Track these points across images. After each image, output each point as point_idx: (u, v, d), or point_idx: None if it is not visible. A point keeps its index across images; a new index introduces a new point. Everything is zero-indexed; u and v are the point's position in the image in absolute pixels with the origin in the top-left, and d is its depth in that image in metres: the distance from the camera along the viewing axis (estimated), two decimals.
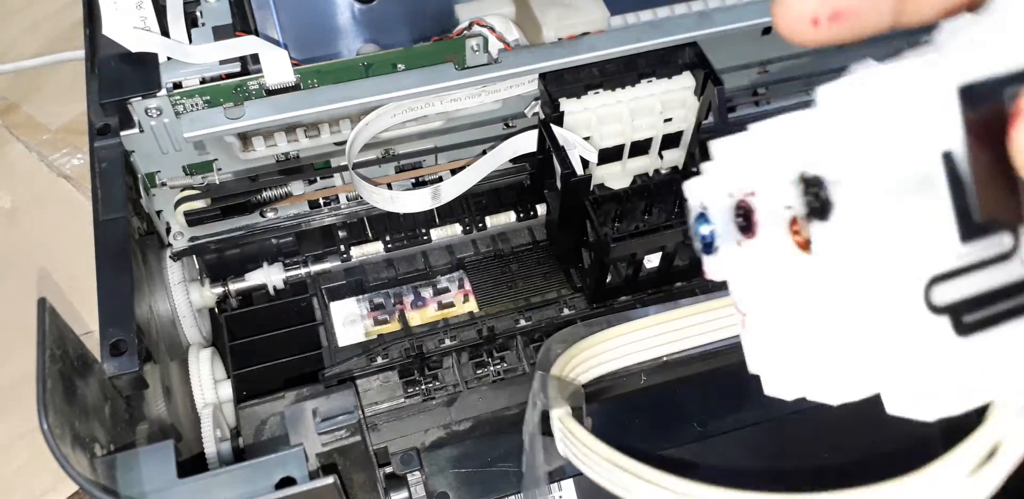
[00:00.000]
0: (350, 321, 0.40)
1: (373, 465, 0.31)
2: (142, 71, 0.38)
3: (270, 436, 0.31)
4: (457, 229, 0.42)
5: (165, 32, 0.38)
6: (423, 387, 0.36)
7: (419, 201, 0.38)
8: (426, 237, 0.42)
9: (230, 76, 0.38)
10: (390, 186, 0.42)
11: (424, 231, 0.42)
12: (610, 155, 0.40)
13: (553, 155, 0.37)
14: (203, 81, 0.37)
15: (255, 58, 0.38)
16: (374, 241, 0.42)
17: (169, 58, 0.38)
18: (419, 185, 0.43)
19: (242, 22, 0.40)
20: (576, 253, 0.39)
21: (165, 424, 0.30)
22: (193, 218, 0.39)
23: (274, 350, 0.39)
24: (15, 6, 0.70)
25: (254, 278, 0.41)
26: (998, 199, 0.17)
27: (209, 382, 0.37)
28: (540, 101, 0.39)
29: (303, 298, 0.41)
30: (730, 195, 0.20)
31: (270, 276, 0.41)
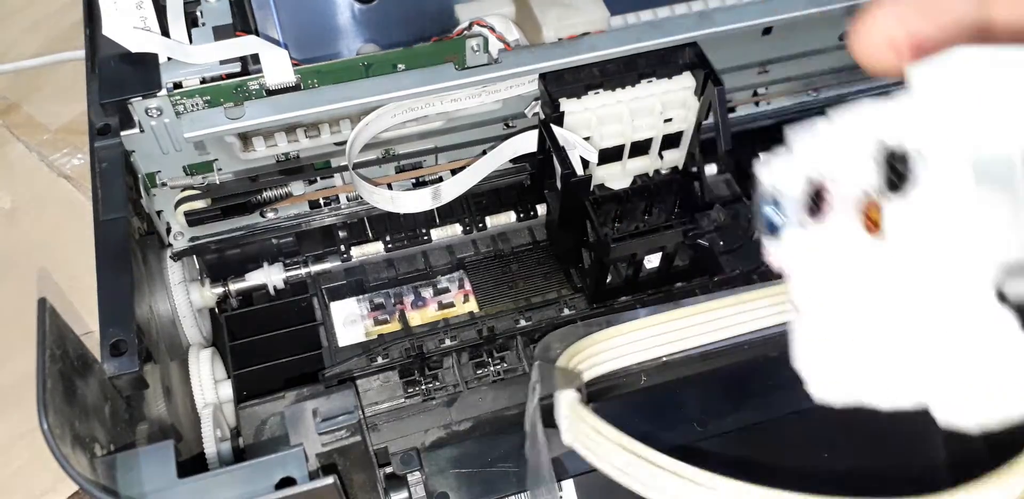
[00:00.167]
0: (350, 321, 0.40)
1: (373, 465, 0.31)
2: (142, 71, 0.38)
3: (270, 436, 0.31)
4: (457, 229, 0.42)
5: (165, 32, 0.38)
6: (423, 387, 0.36)
7: (419, 201, 0.38)
8: (426, 237, 0.42)
9: (230, 76, 0.38)
10: (390, 186, 0.42)
11: (424, 231, 0.42)
12: (610, 155, 0.40)
13: (553, 155, 0.37)
14: (203, 81, 0.37)
15: (255, 58, 0.38)
16: (374, 241, 0.42)
17: (169, 58, 0.38)
18: (419, 185, 0.43)
19: (242, 22, 0.40)
20: (576, 253, 0.39)
21: (165, 424, 0.30)
22: (193, 218, 0.39)
23: (274, 350, 0.39)
24: (15, 6, 0.70)
25: (254, 278, 0.41)
26: None
27: (209, 382, 0.37)
28: (540, 101, 0.39)
29: (303, 298, 0.41)
30: (804, 178, 0.19)
31: (270, 276, 0.41)
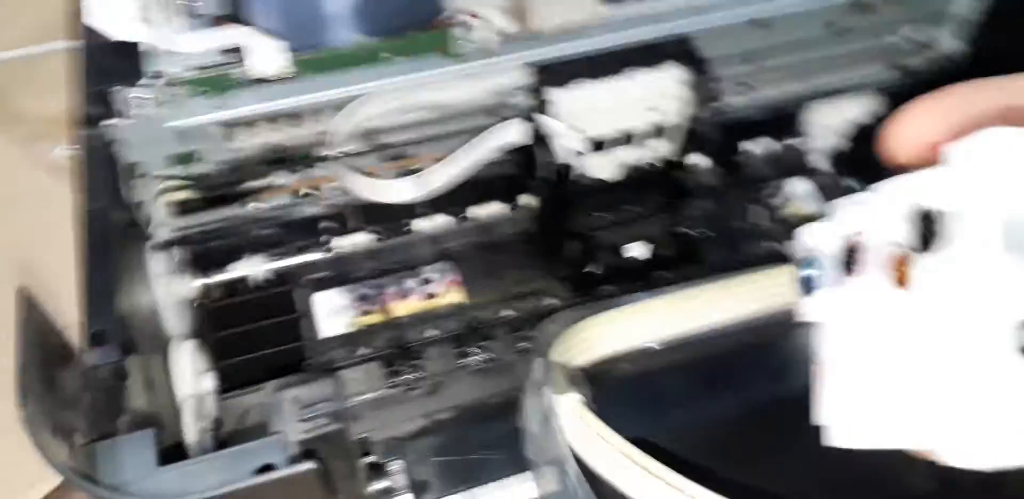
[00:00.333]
0: (334, 312, 0.40)
1: (354, 454, 0.31)
2: (127, 60, 0.37)
3: (252, 425, 0.31)
4: (443, 220, 0.42)
5: (151, 20, 0.38)
6: (406, 377, 0.35)
7: (403, 190, 0.38)
8: (411, 228, 0.42)
9: (217, 66, 0.37)
10: (376, 177, 0.42)
11: (409, 222, 0.42)
12: (598, 146, 0.40)
13: (539, 145, 0.37)
14: (189, 70, 0.37)
15: (243, 48, 0.37)
16: (359, 232, 0.41)
17: (155, 47, 0.37)
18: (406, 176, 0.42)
19: (231, 11, 0.40)
20: (561, 243, 0.39)
21: (147, 415, 0.30)
22: (176, 209, 0.39)
23: (257, 342, 0.39)
24: None
25: (237, 270, 0.41)
26: None
27: (191, 374, 0.36)
28: (528, 91, 0.39)
29: (286, 290, 0.41)
30: (842, 239, 0.21)
31: (253, 268, 0.41)
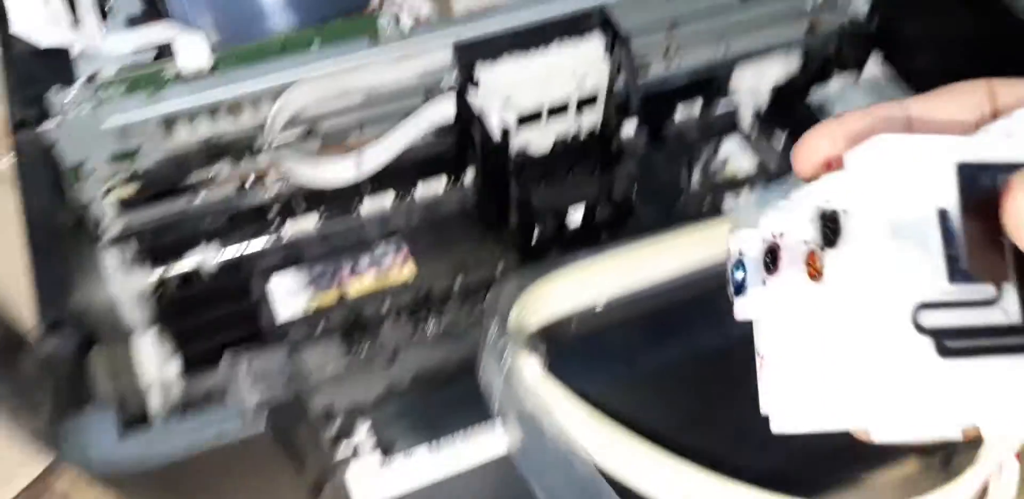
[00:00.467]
0: (290, 294, 0.41)
1: (314, 420, 0.33)
2: (57, 64, 0.38)
3: (214, 401, 0.32)
4: (389, 199, 0.43)
5: (77, 23, 0.39)
6: (363, 348, 0.37)
7: (343, 171, 0.39)
8: (359, 210, 0.43)
9: (146, 63, 0.38)
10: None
11: (357, 203, 0.43)
12: (528, 119, 0.41)
13: (473, 121, 0.38)
14: (122, 70, 0.38)
15: (171, 44, 0.38)
16: (307, 216, 0.43)
17: (84, 50, 0.38)
18: None
19: (156, 8, 0.40)
20: (505, 214, 0.41)
21: (110, 397, 0.31)
22: (124, 206, 0.40)
23: (216, 330, 0.40)
24: None
25: (191, 261, 0.42)
26: (984, 257, 0.21)
27: (155, 360, 0.37)
28: (457, 69, 0.41)
29: (242, 277, 0.42)
30: (763, 240, 0.24)
31: (206, 258, 0.42)
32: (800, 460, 0.34)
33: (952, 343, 0.21)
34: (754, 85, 0.48)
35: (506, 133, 0.39)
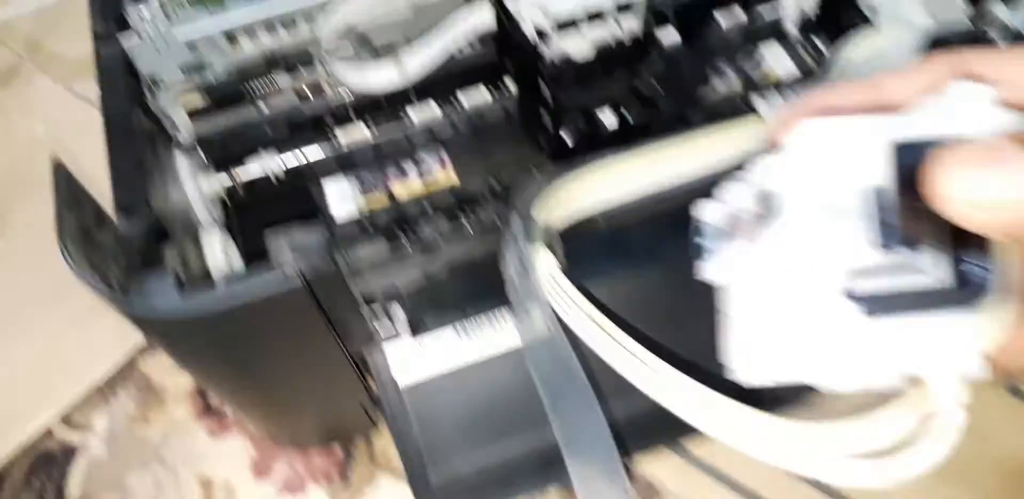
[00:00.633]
0: (342, 198, 0.44)
1: (353, 293, 0.36)
2: None
3: None
4: (435, 109, 0.45)
5: None
6: (404, 241, 0.39)
7: (387, 74, 0.41)
8: (407, 118, 0.45)
9: None
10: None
11: (404, 112, 0.45)
12: (566, 26, 0.42)
13: (510, 28, 0.39)
14: None
15: None
16: (359, 125, 0.45)
17: None
18: None
19: None
20: (539, 119, 0.42)
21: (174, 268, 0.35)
22: (194, 115, 0.44)
23: (280, 229, 0.43)
24: None
25: (255, 168, 0.45)
26: (911, 226, 0.22)
27: (222, 257, 0.41)
28: None
29: (300, 183, 0.45)
30: (720, 210, 0.26)
31: (268, 165, 0.45)
32: None
33: (879, 305, 0.23)
34: None
35: (543, 37, 0.40)
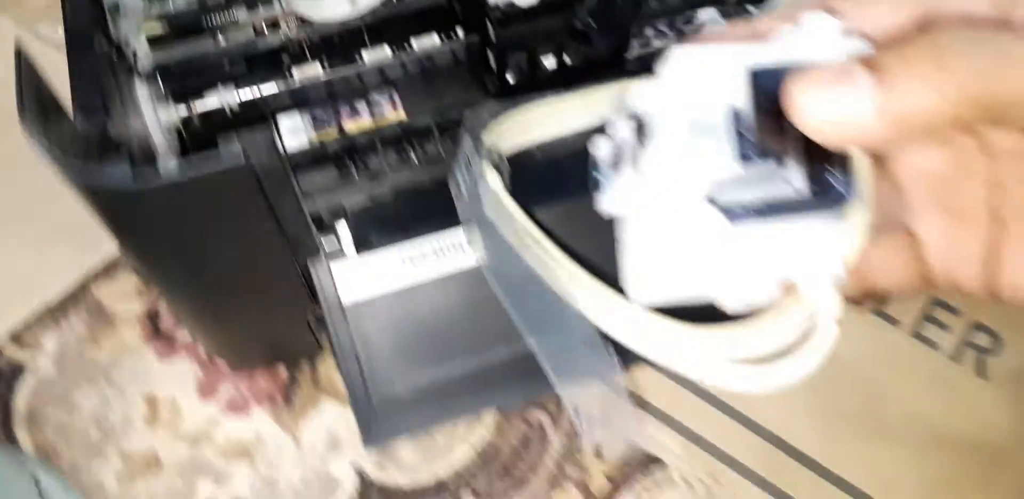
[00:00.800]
0: (294, 131, 0.46)
1: (298, 196, 0.38)
2: None
3: None
4: (387, 51, 0.48)
5: None
6: (352, 170, 0.42)
7: (338, 4, 0.44)
8: (361, 61, 0.47)
9: None
10: None
11: (360, 54, 0.47)
12: None
13: None
14: None
15: None
16: (314, 64, 0.47)
17: None
18: None
19: None
20: (486, 62, 0.45)
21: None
22: (154, 43, 0.45)
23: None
24: None
25: (212, 100, 0.47)
26: (769, 140, 0.24)
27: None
28: None
29: (254, 116, 0.47)
30: (607, 142, 0.28)
31: (225, 98, 0.47)
32: None
33: (742, 213, 0.25)
34: None
35: None
